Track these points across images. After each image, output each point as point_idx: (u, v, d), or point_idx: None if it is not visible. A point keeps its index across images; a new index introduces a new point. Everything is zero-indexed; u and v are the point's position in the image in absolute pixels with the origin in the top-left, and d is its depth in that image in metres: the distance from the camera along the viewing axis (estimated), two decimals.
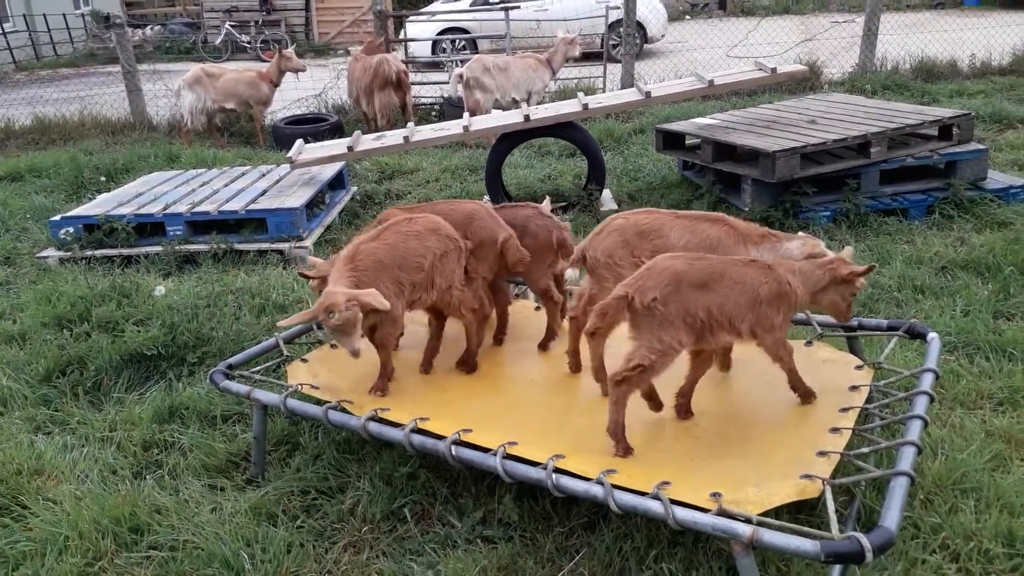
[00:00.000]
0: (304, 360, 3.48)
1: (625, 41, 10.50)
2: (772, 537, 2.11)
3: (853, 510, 2.72)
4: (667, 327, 2.65)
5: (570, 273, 3.22)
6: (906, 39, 11.73)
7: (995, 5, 19.55)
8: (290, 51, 9.21)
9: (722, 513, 2.23)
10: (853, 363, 3.15)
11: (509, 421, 2.93)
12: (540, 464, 2.52)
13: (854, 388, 2.97)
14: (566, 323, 3.49)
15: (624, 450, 2.67)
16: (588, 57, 12.21)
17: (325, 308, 2.82)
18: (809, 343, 3.37)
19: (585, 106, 6.31)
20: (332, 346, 3.62)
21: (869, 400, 2.94)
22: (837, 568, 2.37)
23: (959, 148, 5.79)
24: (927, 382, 2.79)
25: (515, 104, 8.52)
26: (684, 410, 2.92)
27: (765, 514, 2.24)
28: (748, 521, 2.18)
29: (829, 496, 2.29)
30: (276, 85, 9.25)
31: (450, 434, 2.69)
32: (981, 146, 5.83)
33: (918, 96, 9.38)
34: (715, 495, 2.31)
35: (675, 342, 2.67)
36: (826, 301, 2.87)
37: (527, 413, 3.02)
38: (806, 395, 2.92)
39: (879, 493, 2.79)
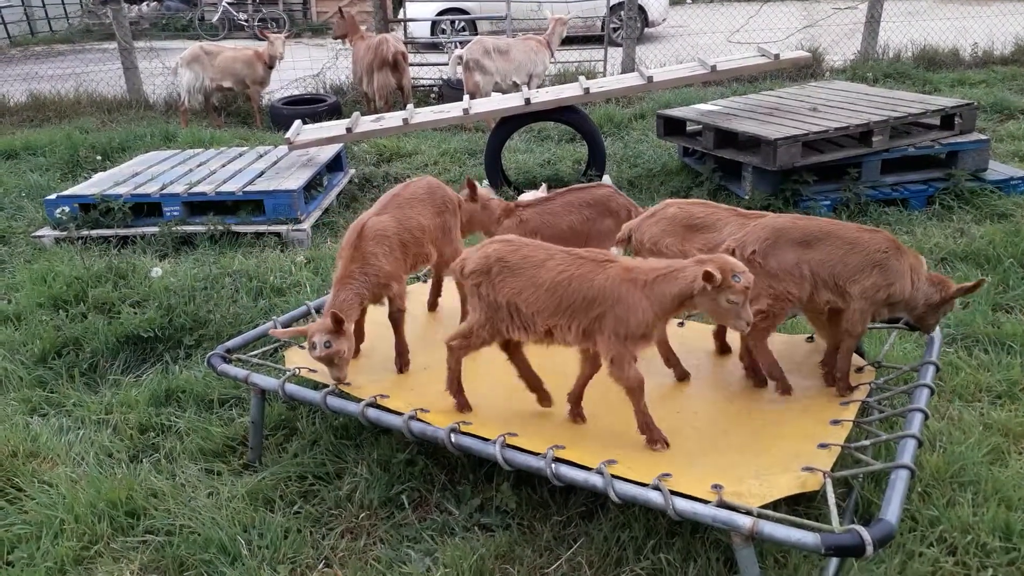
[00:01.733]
0: (302, 347, 3.45)
1: (626, 25, 10.41)
2: (773, 529, 2.10)
3: (851, 502, 2.72)
4: (772, 278, 2.79)
5: (614, 252, 3.19)
6: (909, 27, 11.66)
7: None
8: (276, 36, 9.09)
9: (722, 505, 2.22)
10: (855, 364, 3.13)
11: (509, 412, 2.92)
12: (540, 454, 2.51)
13: (854, 387, 2.96)
14: None
15: (784, 389, 2.92)
16: (589, 41, 12.14)
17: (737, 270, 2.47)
18: (810, 339, 3.36)
19: (586, 90, 6.26)
20: None
21: (869, 394, 2.93)
22: (834, 560, 2.37)
23: (961, 138, 5.76)
24: (928, 375, 2.78)
25: (516, 87, 8.46)
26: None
27: (764, 506, 2.23)
28: (748, 513, 2.17)
29: (830, 489, 2.28)
30: (271, 67, 9.16)
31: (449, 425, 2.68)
32: (983, 136, 5.80)
33: (920, 85, 9.34)
34: (716, 487, 2.30)
35: (785, 291, 2.80)
36: (917, 314, 2.94)
37: (527, 404, 3.00)
38: (844, 379, 2.93)
39: (877, 485, 2.80)
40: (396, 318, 3.26)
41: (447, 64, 9.50)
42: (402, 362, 3.27)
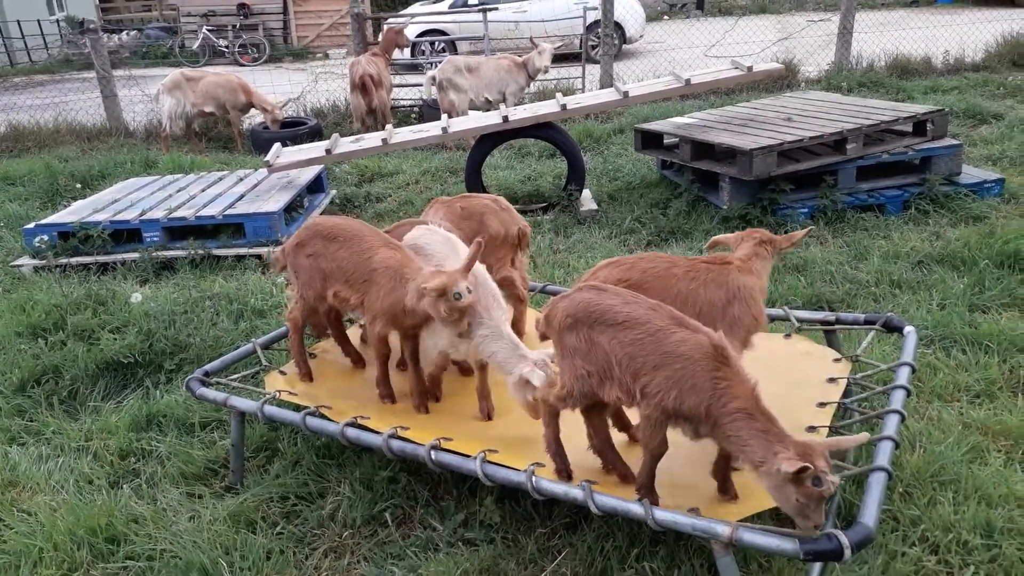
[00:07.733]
0: (282, 372, 3.43)
1: (603, 42, 10.51)
2: (752, 537, 2.10)
3: (833, 505, 2.72)
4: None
5: None
6: (881, 37, 11.85)
7: (968, 2, 19.79)
8: (273, 104, 9.10)
9: None
10: (831, 356, 3.16)
11: (489, 432, 2.90)
12: (520, 470, 2.50)
13: (832, 380, 2.98)
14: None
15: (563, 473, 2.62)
16: (567, 58, 12.25)
17: None
18: (787, 336, 3.38)
19: (564, 106, 6.30)
20: (310, 355, 3.58)
21: (847, 394, 2.94)
22: (817, 564, 2.37)
23: (934, 144, 5.84)
24: (904, 376, 2.80)
25: (489, 104, 8.50)
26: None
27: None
28: (727, 521, 2.17)
29: None
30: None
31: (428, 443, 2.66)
32: (955, 142, 5.89)
33: (893, 93, 9.46)
34: (693, 510, 2.29)
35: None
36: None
37: (507, 425, 2.96)
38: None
39: (859, 487, 2.80)
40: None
41: None
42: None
